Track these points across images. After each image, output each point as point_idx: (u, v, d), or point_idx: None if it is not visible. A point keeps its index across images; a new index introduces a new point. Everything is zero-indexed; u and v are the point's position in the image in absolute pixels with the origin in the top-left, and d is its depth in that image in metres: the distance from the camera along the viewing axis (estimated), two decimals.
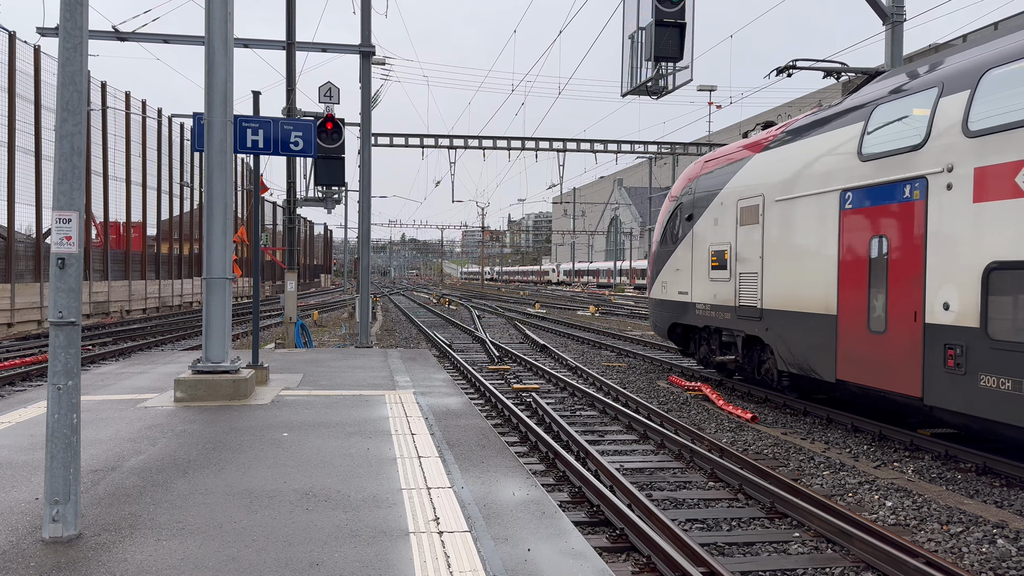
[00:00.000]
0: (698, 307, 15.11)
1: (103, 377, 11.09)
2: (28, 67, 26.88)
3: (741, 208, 13.57)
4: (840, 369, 10.74)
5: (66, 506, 4.48)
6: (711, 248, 14.65)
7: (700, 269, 15.09)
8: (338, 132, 17.17)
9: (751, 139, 14.11)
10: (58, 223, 4.56)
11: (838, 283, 10.84)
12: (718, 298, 14.32)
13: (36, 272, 27.47)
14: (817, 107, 12.89)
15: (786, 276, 12.17)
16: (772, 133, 13.27)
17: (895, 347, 9.62)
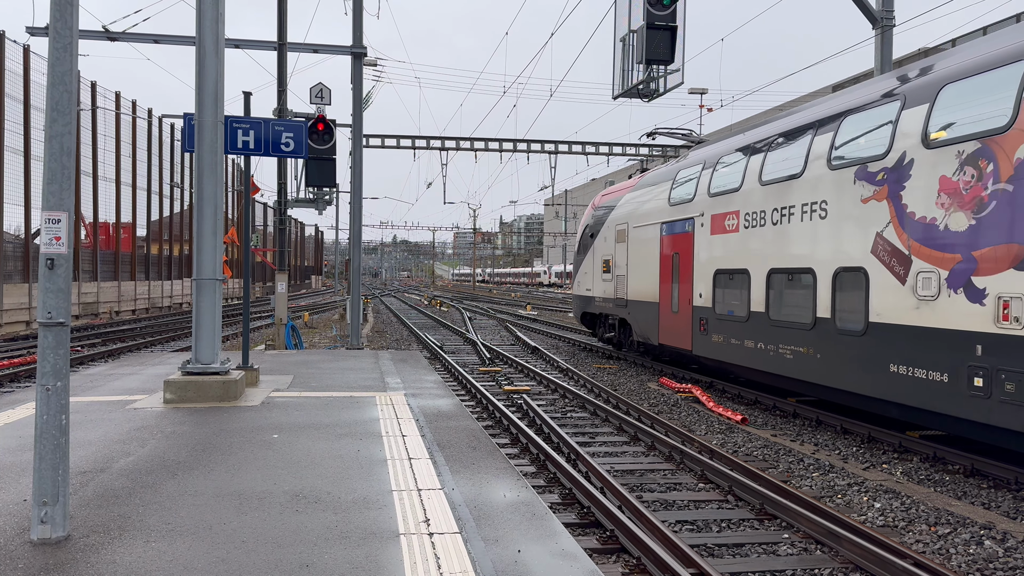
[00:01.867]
0: (596, 300, 20.95)
1: (92, 378, 11.04)
2: (17, 67, 26.75)
3: (617, 231, 19.32)
4: (660, 336, 16.61)
5: (54, 507, 4.46)
6: (602, 258, 20.34)
7: (597, 273, 20.81)
8: (329, 133, 17.15)
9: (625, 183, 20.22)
10: (47, 223, 4.54)
11: (659, 282, 16.67)
12: (606, 293, 20.06)
13: (25, 273, 27.33)
14: (667, 161, 18.99)
15: (637, 277, 17.87)
16: (636, 180, 19.30)
17: (682, 321, 15.49)
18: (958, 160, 8.72)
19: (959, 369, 8.55)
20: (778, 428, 11.48)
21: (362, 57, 18.25)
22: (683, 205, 15.50)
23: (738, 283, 13.31)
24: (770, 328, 12.32)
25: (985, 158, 8.35)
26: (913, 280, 9.29)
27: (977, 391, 8.29)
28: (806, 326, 11.35)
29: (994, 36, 9.21)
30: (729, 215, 13.62)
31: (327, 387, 10.27)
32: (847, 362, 10.45)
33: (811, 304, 11.25)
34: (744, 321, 13.06)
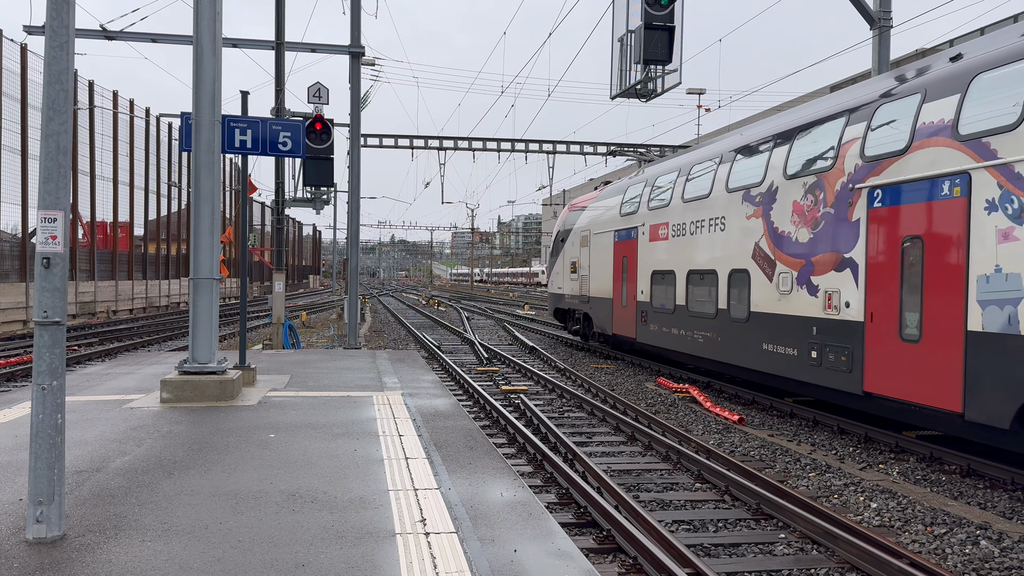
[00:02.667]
0: (566, 297, 23.90)
1: (89, 378, 11.03)
2: (15, 65, 26.71)
3: (581, 236, 22.17)
4: (614, 327, 19.29)
5: (50, 507, 4.45)
6: (570, 260, 23.25)
7: (566, 273, 23.75)
8: (327, 133, 17.13)
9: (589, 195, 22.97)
10: (44, 222, 4.54)
11: (612, 281, 19.35)
12: (573, 291, 22.92)
13: (22, 272, 27.29)
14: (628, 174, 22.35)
15: (597, 277, 20.61)
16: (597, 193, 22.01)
17: (629, 313, 18.19)
18: (804, 189, 11.47)
19: (803, 345, 11.35)
20: (775, 428, 11.49)
21: (360, 56, 18.24)
22: (630, 216, 18.39)
23: (668, 282, 16.18)
24: (689, 318, 15.13)
25: (819, 188, 11.10)
26: (776, 279, 12.15)
27: (814, 361, 11.06)
28: (711, 316, 14.21)
29: (834, 95, 12.04)
30: (662, 226, 16.59)
31: (324, 387, 10.26)
32: (738, 343, 13.22)
33: (714, 298, 14.10)
34: (671, 312, 15.93)
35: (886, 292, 9.72)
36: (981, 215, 8.33)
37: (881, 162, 9.91)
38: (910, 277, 9.36)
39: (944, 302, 8.75)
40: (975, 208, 8.41)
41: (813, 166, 11.29)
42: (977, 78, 8.63)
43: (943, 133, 8.93)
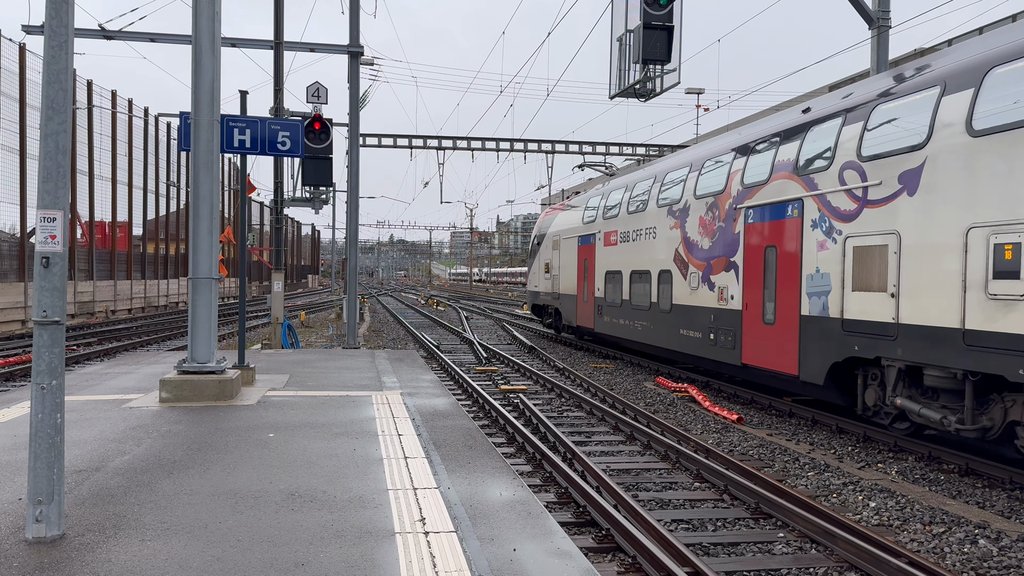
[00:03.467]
0: (541, 294, 26.80)
1: (88, 377, 11.02)
2: (13, 65, 26.69)
3: (552, 240, 25.25)
4: (577, 320, 22.32)
5: (49, 506, 4.45)
6: (544, 262, 26.22)
7: (541, 273, 26.62)
8: (326, 132, 17.13)
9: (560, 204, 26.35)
10: (43, 222, 4.54)
11: (576, 280, 22.32)
12: (547, 289, 25.84)
13: (20, 271, 27.26)
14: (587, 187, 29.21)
15: (565, 277, 23.56)
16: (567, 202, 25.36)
17: (589, 308, 21.04)
18: (707, 207, 14.43)
19: (705, 329, 14.35)
20: (774, 427, 11.51)
21: (359, 56, 18.24)
22: (590, 223, 21.40)
23: (617, 280, 19.06)
24: (632, 310, 18.09)
25: (716, 207, 14.08)
26: (689, 278, 15.16)
27: (711, 341, 14.10)
28: (647, 308, 17.19)
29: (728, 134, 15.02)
30: (613, 232, 19.52)
31: (323, 386, 10.26)
32: (665, 329, 16.21)
33: (649, 293, 17.06)
34: (619, 306, 18.89)
35: (755, 287, 12.69)
36: (809, 230, 11.27)
37: (753, 188, 12.85)
38: (768, 276, 12.30)
39: (788, 294, 11.72)
40: (806, 225, 11.33)
41: (712, 189, 14.33)
42: (811, 129, 11.53)
43: (788, 169, 11.86)
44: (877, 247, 9.77)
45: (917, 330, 9.03)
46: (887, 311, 9.53)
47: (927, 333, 8.88)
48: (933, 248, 8.87)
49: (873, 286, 9.83)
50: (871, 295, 9.87)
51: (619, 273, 18.82)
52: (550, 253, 25.40)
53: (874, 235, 9.85)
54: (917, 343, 9.04)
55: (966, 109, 8.54)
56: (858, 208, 10.23)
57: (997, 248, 8.00)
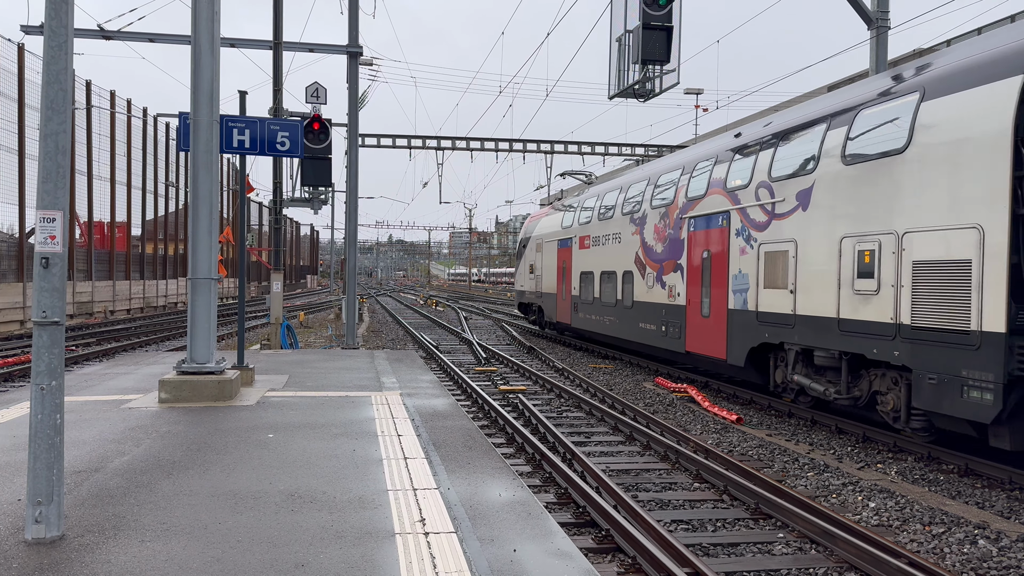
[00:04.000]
0: (526, 293, 28.77)
1: (87, 378, 11.01)
2: (12, 65, 26.67)
3: (536, 244, 27.19)
4: (557, 316, 24.32)
5: (49, 507, 4.44)
6: (529, 263, 28.23)
7: (527, 274, 28.70)
8: (325, 132, 17.12)
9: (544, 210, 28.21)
10: (42, 222, 4.53)
11: (556, 280, 24.33)
12: (532, 288, 27.76)
13: (19, 272, 27.24)
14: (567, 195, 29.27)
15: (547, 277, 25.61)
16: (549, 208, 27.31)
17: (567, 305, 23.02)
18: (660, 216, 16.52)
19: (658, 322, 16.49)
20: (773, 428, 11.50)
21: (358, 56, 18.23)
22: (568, 228, 23.43)
23: (589, 280, 21.07)
24: (601, 306, 20.05)
25: (667, 216, 16.19)
26: (646, 278, 17.24)
27: (663, 333, 16.26)
28: (613, 304, 19.17)
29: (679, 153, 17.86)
30: (587, 237, 21.50)
31: (323, 387, 10.26)
32: (628, 323, 18.28)
33: (615, 292, 19.01)
34: (591, 303, 20.82)
35: (696, 286, 14.81)
36: (734, 238, 13.32)
37: (695, 201, 14.92)
38: (705, 276, 14.37)
39: (719, 292, 13.78)
40: (731, 234, 13.38)
41: (665, 201, 16.36)
42: (736, 155, 13.64)
43: (720, 186, 13.96)
44: (781, 252, 11.88)
45: (808, 319, 11.14)
46: (787, 304, 11.68)
47: (814, 322, 10.99)
48: (818, 253, 10.97)
49: (778, 284, 11.95)
50: (777, 291, 12.00)
51: (592, 273, 20.90)
52: (534, 255, 27.45)
53: (779, 242, 11.98)
54: (808, 330, 11.15)
55: (842, 142, 10.60)
56: (768, 220, 12.31)
57: (859, 253, 10.09)
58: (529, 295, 28.29)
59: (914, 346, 9.08)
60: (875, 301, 9.71)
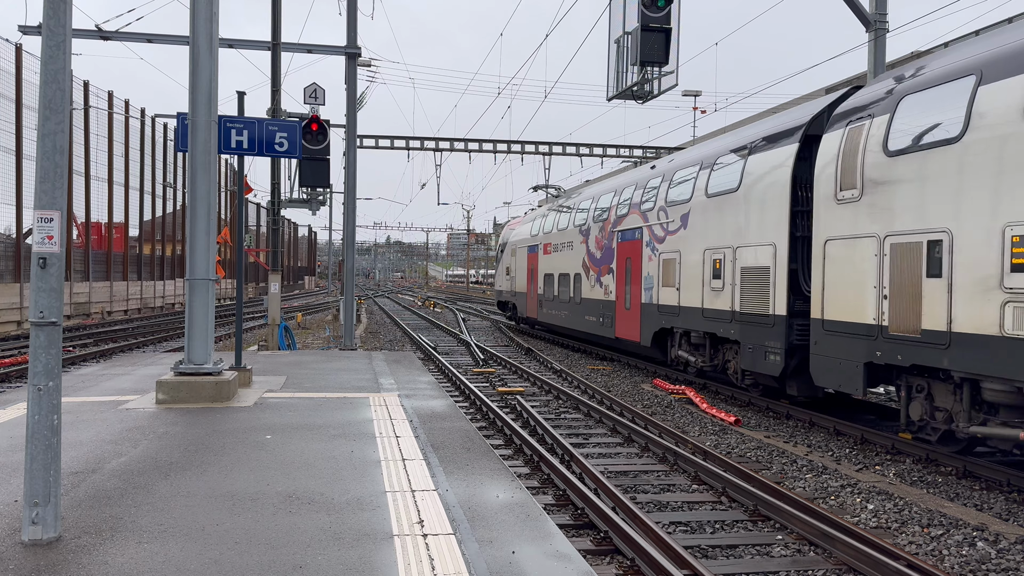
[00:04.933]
0: (504, 292, 32.41)
1: (84, 378, 10.99)
2: (9, 65, 26.62)
3: (511, 249, 31.03)
4: (527, 312, 27.60)
5: (46, 508, 4.43)
6: (506, 266, 31.93)
7: (504, 275, 32.43)
8: (323, 133, 17.11)
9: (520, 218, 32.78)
10: (40, 222, 4.52)
11: (527, 280, 27.63)
12: (508, 288, 31.49)
13: (16, 272, 27.18)
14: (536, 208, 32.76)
15: (519, 278, 29.17)
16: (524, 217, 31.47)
17: (534, 302, 26.37)
18: (599, 229, 20.12)
19: (597, 315, 20.02)
20: (771, 430, 11.50)
21: (356, 57, 18.21)
22: (536, 236, 27.15)
23: (550, 281, 24.83)
24: (559, 303, 23.71)
25: (603, 229, 19.77)
26: (590, 279, 20.83)
27: (600, 323, 19.79)
28: (567, 301, 22.86)
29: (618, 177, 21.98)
30: (550, 244, 25.22)
31: (321, 388, 10.24)
32: (578, 316, 21.85)
33: (570, 290, 22.66)
34: (552, 300, 24.51)
35: (622, 285, 18.48)
36: (645, 248, 17.11)
37: (621, 218, 18.66)
38: (627, 277, 18.14)
39: (635, 290, 17.56)
40: (643, 245, 17.17)
41: (602, 217, 20.07)
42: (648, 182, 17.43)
43: (637, 208, 17.75)
44: (672, 259, 15.76)
45: (687, 309, 15.00)
46: (675, 299, 15.49)
47: (690, 311, 14.84)
48: (693, 261, 14.77)
49: (670, 284, 15.77)
50: (669, 289, 15.79)
51: (552, 275, 24.64)
52: (510, 259, 31.27)
53: (671, 252, 15.77)
54: (687, 317, 14.96)
55: (707, 181, 14.47)
56: (665, 235, 16.14)
57: (714, 261, 13.94)
58: (506, 294, 32.05)
59: (741, 326, 12.94)
60: (722, 295, 13.61)
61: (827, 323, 10.65)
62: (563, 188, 29.34)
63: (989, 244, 8.05)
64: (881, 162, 9.71)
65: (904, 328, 9.22)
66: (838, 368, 10.44)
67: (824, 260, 10.74)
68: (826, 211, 10.73)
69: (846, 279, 10.30)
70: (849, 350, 10.19)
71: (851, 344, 10.15)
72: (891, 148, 9.57)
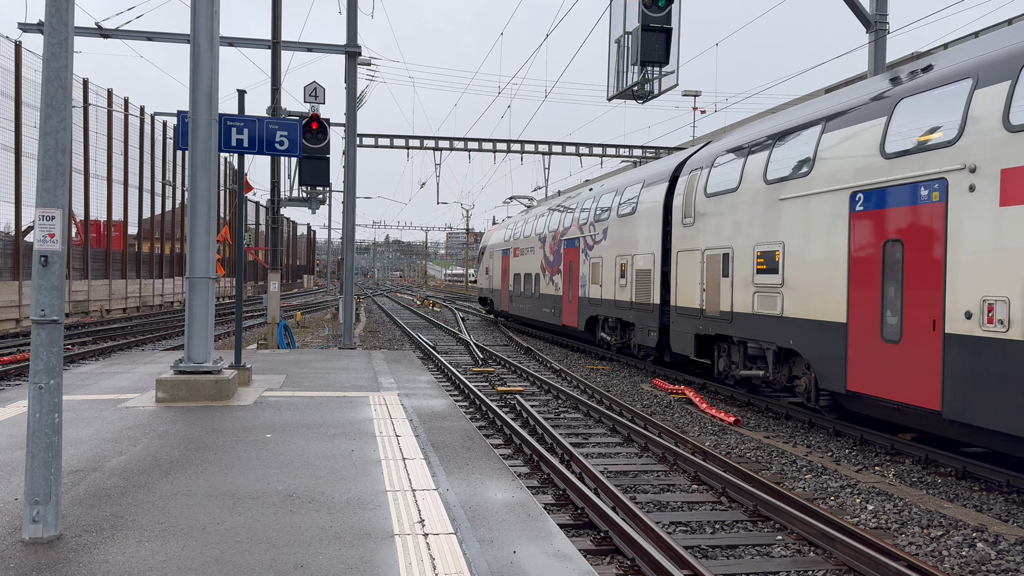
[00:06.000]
0: (483, 289, 37.01)
1: (83, 377, 10.98)
2: (9, 63, 26.60)
3: (489, 252, 35.21)
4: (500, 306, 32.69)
5: (47, 506, 4.42)
6: (485, 266, 36.38)
7: (484, 274, 36.85)
8: (323, 132, 17.10)
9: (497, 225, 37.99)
10: (41, 220, 4.51)
11: (500, 279, 32.57)
12: (487, 285, 35.71)
13: (15, 270, 27.15)
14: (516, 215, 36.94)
15: (495, 277, 33.66)
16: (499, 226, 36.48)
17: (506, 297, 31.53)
18: (552, 237, 24.63)
19: (551, 308, 24.47)
20: (771, 430, 11.50)
21: (356, 56, 18.21)
22: (507, 241, 31.64)
23: (519, 279, 29.11)
24: (524, 298, 28.17)
25: (555, 238, 24.35)
26: (546, 278, 24.99)
27: (552, 315, 24.36)
28: (530, 296, 27.16)
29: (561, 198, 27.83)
30: (518, 248, 29.64)
31: (320, 387, 10.23)
32: (537, 309, 26.08)
33: (532, 287, 26.94)
34: (519, 295, 28.93)
35: (566, 283, 22.86)
36: (581, 254, 21.43)
37: (567, 229, 23.22)
38: (570, 277, 22.40)
39: (575, 286, 21.73)
40: (580, 251, 21.50)
41: (553, 228, 24.82)
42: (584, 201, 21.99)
43: (577, 222, 22.22)
44: (597, 263, 20.23)
45: (606, 301, 19.47)
46: (599, 293, 20.04)
47: (608, 302, 19.31)
48: (609, 264, 19.33)
49: (597, 282, 20.24)
50: (596, 286, 20.32)
51: (520, 275, 29.02)
52: (489, 260, 35.74)
53: (597, 257, 20.32)
54: (606, 307, 19.48)
55: (619, 203, 19.08)
56: (594, 244, 20.72)
57: (620, 265, 18.54)
58: (485, 291, 36.96)
59: (636, 312, 17.65)
60: (626, 290, 18.29)
61: (678, 308, 15.33)
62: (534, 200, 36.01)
63: (749, 257, 12.65)
64: (703, 200, 14.37)
65: (712, 310, 13.83)
66: (683, 339, 15.09)
67: (676, 265, 15.41)
68: (677, 231, 15.45)
69: (686, 278, 14.92)
70: (688, 326, 14.85)
71: (688, 322, 14.81)
72: (708, 192, 14.20)
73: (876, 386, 9.56)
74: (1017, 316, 7.58)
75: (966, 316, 8.16)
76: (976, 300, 8.04)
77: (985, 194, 8.01)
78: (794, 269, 11.39)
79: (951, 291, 8.37)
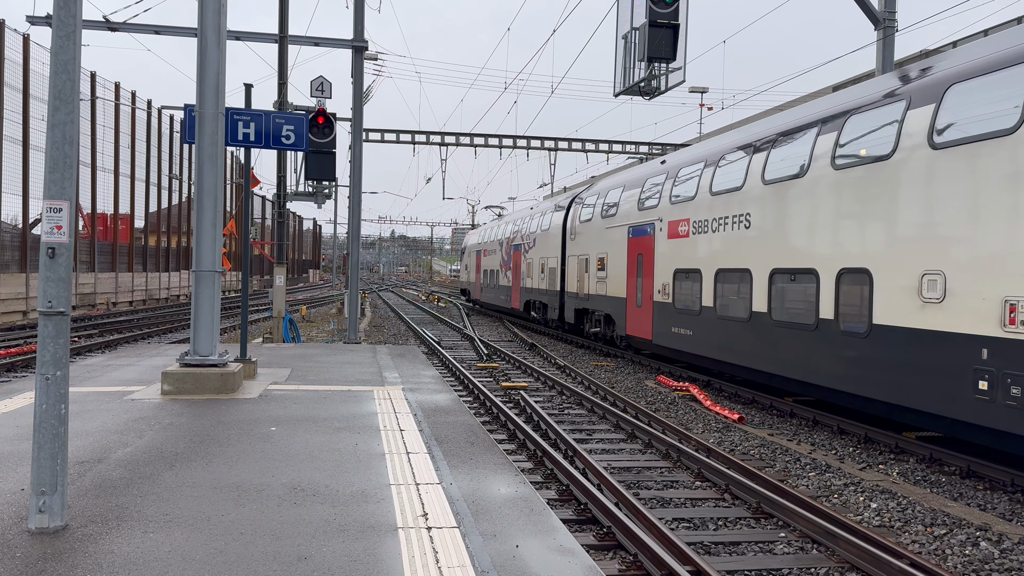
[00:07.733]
0: (463, 282, 46.00)
1: (89, 369, 11.02)
2: (17, 56, 26.66)
3: (468, 251, 44.05)
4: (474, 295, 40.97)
5: (53, 497, 4.45)
6: (465, 263, 44.87)
7: (464, 269, 45.71)
8: (329, 127, 17.11)
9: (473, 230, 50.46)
10: (49, 212, 4.53)
11: (475, 272, 40.65)
12: (465, 279, 44.83)
13: (22, 262, 27.26)
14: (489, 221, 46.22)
15: (472, 271, 41.80)
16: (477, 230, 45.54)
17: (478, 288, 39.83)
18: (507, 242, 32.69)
19: (505, 295, 32.46)
20: (775, 427, 11.50)
21: (363, 51, 18.21)
22: (480, 243, 38.85)
23: (487, 273, 36.00)
24: (490, 288, 35.31)
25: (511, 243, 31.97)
26: (504, 273, 33.00)
27: (505, 301, 32.40)
28: (494, 287, 34.44)
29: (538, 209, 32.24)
30: (486, 249, 36.82)
31: (325, 381, 10.26)
32: (497, 297, 33.99)
33: (498, 280, 33.66)
34: (487, 286, 35.56)
35: (514, 278, 30.72)
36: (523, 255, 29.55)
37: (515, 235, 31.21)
38: (516, 273, 30.28)
39: (518, 279, 30.22)
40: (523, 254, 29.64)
41: (507, 234, 32.30)
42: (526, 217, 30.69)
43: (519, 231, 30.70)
44: (531, 262, 27.98)
45: (535, 289, 27.21)
46: (532, 284, 27.63)
47: (536, 290, 27.09)
48: (537, 264, 27.18)
49: (531, 276, 27.86)
50: (530, 279, 27.84)
51: (487, 270, 35.91)
52: (467, 258, 42.80)
53: (531, 259, 27.97)
54: (536, 294, 27.19)
55: (540, 222, 27.43)
56: (529, 249, 28.38)
57: (541, 265, 26.67)
58: (464, 283, 44.87)
59: (549, 296, 25.34)
60: (544, 280, 25.86)
61: (567, 293, 23.54)
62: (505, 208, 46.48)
63: (595, 261, 20.88)
64: (579, 224, 22.64)
65: (582, 293, 21.94)
66: (570, 312, 23.22)
67: (566, 265, 23.77)
68: (568, 243, 23.65)
69: (571, 273, 23.12)
70: (572, 304, 23.01)
71: (572, 301, 22.97)
72: (580, 219, 22.48)
73: (635, 330, 17.97)
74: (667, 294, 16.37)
75: (660, 291, 16.51)
76: (661, 286, 16.62)
77: (664, 232, 16.50)
78: (611, 267, 19.59)
79: (657, 279, 16.80)
